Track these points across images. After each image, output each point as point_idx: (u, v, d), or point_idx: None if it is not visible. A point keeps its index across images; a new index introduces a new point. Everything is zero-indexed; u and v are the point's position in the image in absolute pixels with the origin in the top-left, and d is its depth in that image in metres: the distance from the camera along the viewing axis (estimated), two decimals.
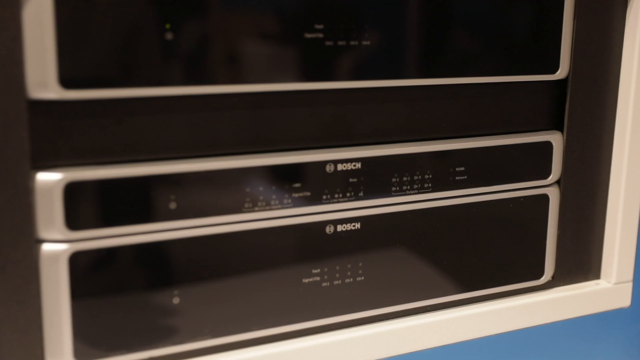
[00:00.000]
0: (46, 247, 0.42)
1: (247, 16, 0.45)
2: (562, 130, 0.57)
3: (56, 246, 0.42)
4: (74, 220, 0.42)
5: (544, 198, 0.58)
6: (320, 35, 0.47)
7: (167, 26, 0.42)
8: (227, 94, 0.45)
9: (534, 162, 0.57)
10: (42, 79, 0.40)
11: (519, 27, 0.54)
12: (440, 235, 0.54)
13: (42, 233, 0.42)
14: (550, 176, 0.58)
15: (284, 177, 0.48)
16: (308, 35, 0.46)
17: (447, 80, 0.52)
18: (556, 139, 0.57)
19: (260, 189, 0.47)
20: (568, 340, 0.65)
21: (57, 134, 0.42)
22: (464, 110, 0.54)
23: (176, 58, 0.43)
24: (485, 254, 0.56)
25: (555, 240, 0.59)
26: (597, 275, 0.62)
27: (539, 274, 0.59)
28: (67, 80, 0.40)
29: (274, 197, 0.48)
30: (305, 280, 0.50)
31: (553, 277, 0.60)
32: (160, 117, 0.44)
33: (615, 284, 0.61)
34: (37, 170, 0.41)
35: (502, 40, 0.54)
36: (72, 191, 0.42)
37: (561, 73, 0.56)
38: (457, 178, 0.54)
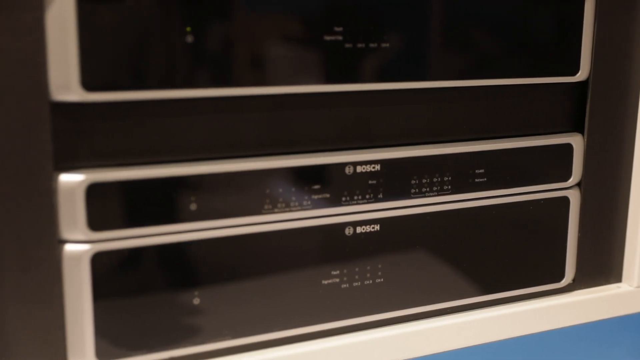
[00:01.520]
0: (69, 248, 0.43)
1: (266, 19, 0.46)
2: (582, 132, 0.57)
3: (78, 247, 0.43)
4: (96, 221, 0.42)
5: (565, 200, 0.58)
6: (340, 37, 0.47)
7: (188, 29, 0.43)
8: (246, 96, 0.46)
9: (554, 164, 0.57)
10: (65, 82, 0.41)
11: (539, 29, 0.54)
12: (459, 238, 0.54)
13: (65, 234, 0.42)
14: (571, 178, 0.57)
15: (303, 178, 0.48)
16: (327, 38, 0.47)
17: (467, 82, 0.52)
18: (577, 141, 0.57)
19: (280, 190, 0.47)
20: (589, 344, 0.64)
21: (79, 135, 0.42)
22: (484, 112, 0.54)
23: (197, 60, 0.44)
24: (505, 256, 0.56)
25: (576, 242, 0.59)
26: (618, 279, 0.61)
27: (560, 276, 0.59)
28: (89, 82, 0.41)
29: (293, 198, 0.48)
30: (325, 282, 0.50)
31: (574, 280, 0.59)
32: (181, 119, 0.45)
33: (637, 287, 0.61)
34: (60, 172, 0.42)
35: (522, 42, 0.54)
36: (94, 192, 0.42)
37: (582, 75, 0.56)
38: (476, 180, 0.54)
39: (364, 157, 0.50)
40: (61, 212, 0.42)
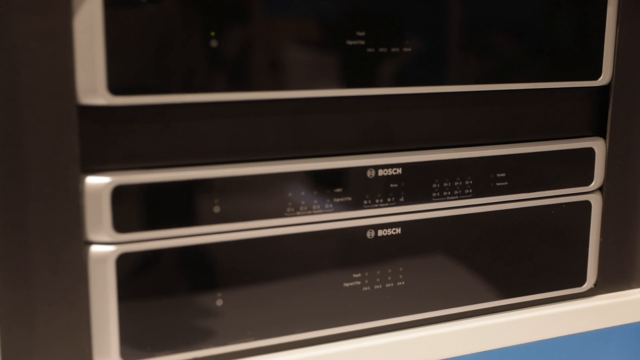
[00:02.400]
0: (94, 249, 0.43)
1: (289, 24, 0.46)
2: (604, 137, 0.57)
3: (104, 248, 0.43)
4: (122, 222, 0.43)
5: (586, 205, 0.57)
6: (362, 42, 0.47)
7: (212, 34, 0.44)
8: (269, 99, 0.46)
9: (576, 168, 0.57)
10: (92, 86, 0.41)
11: (561, 33, 0.54)
12: (481, 241, 0.54)
13: (91, 235, 0.43)
14: (593, 183, 0.57)
15: (325, 182, 0.48)
16: (350, 42, 0.47)
17: (488, 86, 0.53)
18: (598, 146, 0.57)
19: (302, 193, 0.48)
20: (610, 349, 0.64)
21: (105, 138, 0.43)
22: (506, 116, 0.54)
23: (221, 65, 0.44)
24: (526, 260, 0.56)
25: (598, 247, 0.59)
26: None
27: (581, 281, 0.59)
28: (115, 86, 0.42)
29: (315, 201, 0.48)
30: (346, 285, 0.50)
31: (595, 284, 0.59)
32: (205, 123, 0.45)
33: None
34: (87, 174, 0.43)
35: (544, 46, 0.54)
36: (119, 195, 0.43)
37: (604, 79, 0.56)
38: (498, 184, 0.54)
39: (385, 161, 0.50)
40: (87, 214, 0.43)
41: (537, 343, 0.57)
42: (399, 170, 0.51)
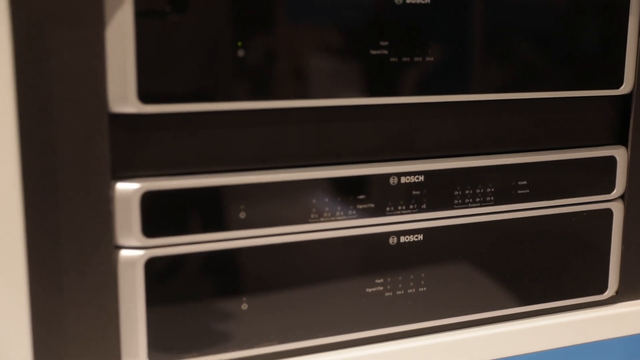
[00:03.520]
0: (124, 253, 0.44)
1: (314, 34, 0.47)
2: (626, 145, 0.57)
3: (133, 252, 0.44)
4: (150, 227, 0.44)
5: (608, 212, 0.58)
6: (385, 52, 0.48)
7: (239, 44, 0.44)
8: (295, 108, 0.47)
9: (597, 176, 0.57)
10: (123, 94, 0.42)
11: (583, 42, 0.55)
12: (502, 248, 0.55)
13: (121, 240, 0.44)
14: (614, 191, 0.58)
15: (349, 189, 0.49)
16: (373, 52, 0.48)
17: (510, 95, 0.53)
18: (620, 154, 0.57)
19: (326, 200, 0.49)
20: (631, 356, 0.64)
21: (135, 145, 0.44)
22: (528, 124, 0.55)
23: (247, 74, 0.45)
24: (547, 267, 0.56)
25: (620, 255, 0.59)
26: None
27: (603, 288, 0.59)
28: (145, 95, 0.43)
29: (339, 208, 0.49)
30: (369, 290, 0.51)
31: (617, 292, 0.59)
32: (231, 130, 0.46)
33: None
34: (117, 180, 0.44)
35: (566, 55, 0.54)
36: (148, 200, 0.44)
37: (625, 88, 0.56)
38: (519, 192, 0.54)
39: (408, 168, 0.51)
40: (117, 219, 0.44)
41: (559, 350, 0.58)
42: (422, 178, 0.51)
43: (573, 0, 0.54)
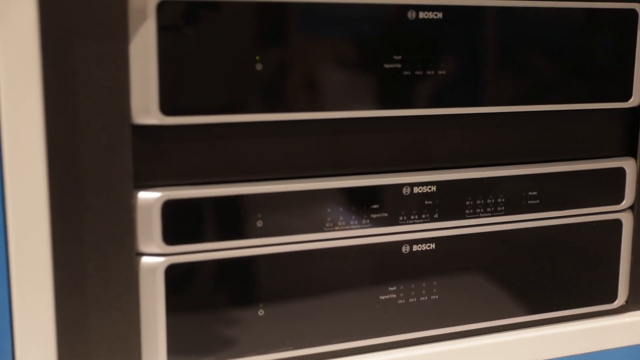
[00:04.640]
0: (145, 260, 0.46)
1: (329, 48, 0.48)
2: (635, 157, 0.58)
3: (154, 259, 0.45)
4: (171, 235, 0.45)
5: (617, 223, 0.58)
6: (399, 65, 0.49)
7: (258, 57, 0.46)
8: (310, 120, 0.48)
9: (606, 187, 0.58)
10: (145, 106, 0.44)
11: (592, 56, 0.55)
12: (513, 258, 0.55)
13: (142, 247, 0.45)
14: (624, 202, 0.58)
15: (362, 198, 0.50)
16: (387, 66, 0.49)
17: (520, 107, 0.54)
18: (629, 165, 0.58)
19: (341, 209, 0.50)
20: None
21: (157, 156, 0.45)
22: (538, 136, 0.55)
23: (266, 87, 0.46)
24: (557, 276, 0.57)
25: (629, 264, 0.59)
26: None
27: (612, 297, 0.59)
28: (167, 107, 0.44)
29: (353, 217, 0.50)
30: (382, 297, 0.52)
31: (627, 301, 0.60)
32: (249, 141, 0.47)
33: None
34: (139, 189, 0.45)
35: (576, 68, 0.55)
36: (169, 209, 0.45)
37: (634, 101, 0.57)
38: (529, 202, 0.55)
39: (420, 179, 0.52)
40: (139, 227, 0.45)
41: (569, 358, 0.58)
42: (434, 188, 0.52)
43: (583, 15, 0.54)
